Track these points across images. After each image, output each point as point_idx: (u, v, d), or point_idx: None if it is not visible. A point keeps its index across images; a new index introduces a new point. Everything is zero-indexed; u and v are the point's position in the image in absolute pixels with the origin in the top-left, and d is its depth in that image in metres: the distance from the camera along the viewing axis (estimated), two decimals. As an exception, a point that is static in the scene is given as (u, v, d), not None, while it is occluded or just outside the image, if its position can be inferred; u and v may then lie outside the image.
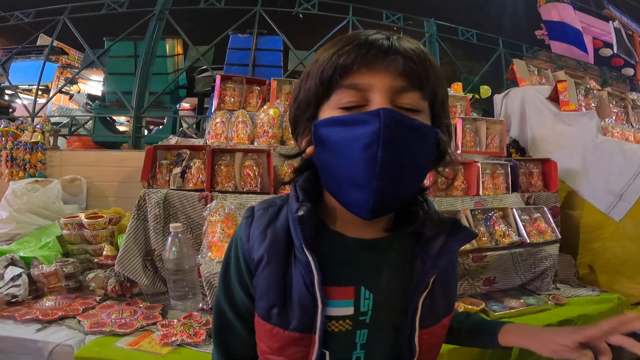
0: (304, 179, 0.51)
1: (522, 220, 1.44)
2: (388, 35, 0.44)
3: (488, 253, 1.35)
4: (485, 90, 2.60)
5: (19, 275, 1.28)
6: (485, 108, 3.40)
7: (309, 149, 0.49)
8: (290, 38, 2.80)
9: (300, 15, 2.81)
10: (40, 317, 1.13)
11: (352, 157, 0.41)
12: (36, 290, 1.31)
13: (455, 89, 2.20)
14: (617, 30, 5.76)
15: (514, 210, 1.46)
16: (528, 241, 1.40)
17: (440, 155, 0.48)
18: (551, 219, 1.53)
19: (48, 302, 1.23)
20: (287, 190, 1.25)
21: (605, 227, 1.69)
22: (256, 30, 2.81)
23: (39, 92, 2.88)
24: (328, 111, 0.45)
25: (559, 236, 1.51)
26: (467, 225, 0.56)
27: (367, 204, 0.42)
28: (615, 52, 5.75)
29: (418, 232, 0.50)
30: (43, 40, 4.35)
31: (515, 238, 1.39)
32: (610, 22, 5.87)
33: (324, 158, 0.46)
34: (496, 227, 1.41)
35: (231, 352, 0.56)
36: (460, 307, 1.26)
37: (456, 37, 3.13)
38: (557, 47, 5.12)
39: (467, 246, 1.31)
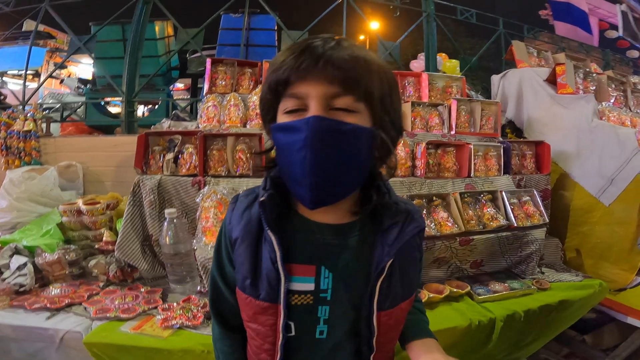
0: (276, 170, 0.57)
1: (510, 204, 1.46)
2: (323, 44, 0.47)
3: (475, 237, 1.38)
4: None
5: (25, 265, 1.31)
6: (485, 86, 3.35)
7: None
8: (284, 17, 2.71)
9: (294, -7, 2.70)
10: (48, 305, 1.17)
11: (291, 159, 0.49)
12: (42, 278, 1.35)
13: (444, 58, 2.16)
14: (623, 13, 5.57)
15: (503, 193, 1.48)
16: (515, 225, 1.43)
17: (385, 149, 0.53)
18: (540, 203, 1.56)
19: (54, 290, 1.27)
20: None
21: (595, 211, 1.72)
22: (247, 10, 2.71)
23: (30, 77, 2.83)
24: (279, 115, 0.52)
25: (547, 220, 1.54)
26: (422, 216, 0.61)
27: (308, 197, 0.49)
28: (621, 34, 5.60)
29: (379, 221, 0.56)
30: (29, 25, 4.23)
31: (502, 222, 1.42)
32: (618, 4, 5.67)
33: (278, 157, 0.53)
34: (485, 211, 1.44)
35: (225, 318, 0.65)
36: (446, 289, 1.30)
37: (454, 17, 3.03)
38: (561, 27, 4.97)
39: (455, 229, 1.34)
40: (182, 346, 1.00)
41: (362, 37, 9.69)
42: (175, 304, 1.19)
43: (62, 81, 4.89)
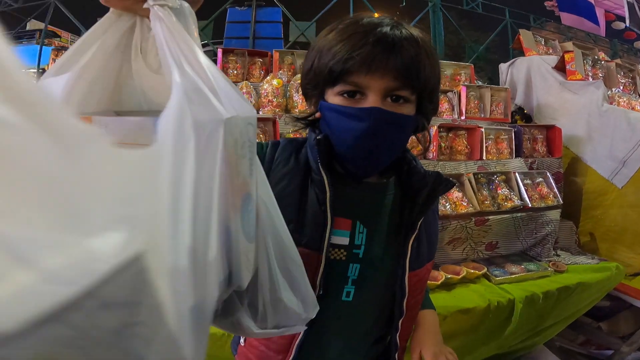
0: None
1: (524, 185, 1.46)
2: (392, 35, 0.47)
3: (490, 217, 1.37)
4: None
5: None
6: (490, 77, 3.36)
7: (318, 113, 0.55)
8: (290, 8, 2.73)
9: (300, -15, 2.72)
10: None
11: (347, 142, 0.51)
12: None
13: None
14: (629, 4, 5.55)
15: (517, 174, 1.48)
16: (530, 205, 1.42)
17: (421, 130, 0.57)
18: (554, 184, 1.55)
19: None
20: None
21: (607, 194, 1.71)
22: (255, 2, 2.73)
23: (37, 76, 2.86)
24: (332, 95, 0.52)
25: (561, 201, 1.53)
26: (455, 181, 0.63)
27: (354, 171, 0.54)
28: (628, 25, 5.57)
29: (407, 184, 0.57)
30: (32, 24, 4.26)
31: (517, 202, 1.41)
32: (624, -5, 5.64)
33: (327, 131, 0.54)
34: (499, 191, 1.43)
35: None
36: (463, 271, 1.29)
37: (461, 7, 3.03)
38: (567, 18, 4.95)
39: (470, 209, 1.33)
40: (200, 323, 1.00)
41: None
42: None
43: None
